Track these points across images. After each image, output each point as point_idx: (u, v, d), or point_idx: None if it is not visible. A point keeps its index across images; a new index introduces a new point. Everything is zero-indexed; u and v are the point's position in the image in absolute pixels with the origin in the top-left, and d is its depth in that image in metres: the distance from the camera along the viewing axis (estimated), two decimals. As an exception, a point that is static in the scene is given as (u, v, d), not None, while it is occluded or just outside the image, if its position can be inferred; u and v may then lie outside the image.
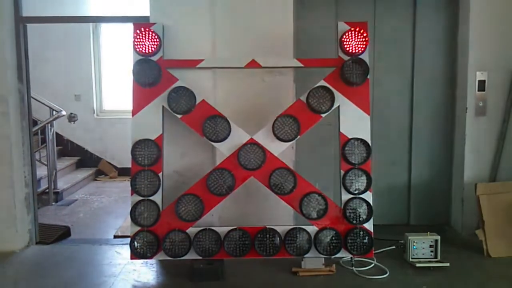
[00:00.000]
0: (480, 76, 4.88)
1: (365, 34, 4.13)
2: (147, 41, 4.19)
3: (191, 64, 4.22)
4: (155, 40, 4.19)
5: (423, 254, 4.32)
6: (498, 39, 4.85)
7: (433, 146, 5.35)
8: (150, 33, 4.18)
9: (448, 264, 4.19)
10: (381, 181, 5.22)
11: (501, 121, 4.93)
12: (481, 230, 4.56)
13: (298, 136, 4.13)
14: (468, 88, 4.89)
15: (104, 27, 8.98)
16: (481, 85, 4.90)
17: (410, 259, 4.29)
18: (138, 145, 4.13)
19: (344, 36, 4.15)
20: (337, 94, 4.12)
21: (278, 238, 4.04)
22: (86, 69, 8.81)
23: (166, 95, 4.11)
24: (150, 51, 4.19)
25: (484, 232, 4.52)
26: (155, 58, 4.19)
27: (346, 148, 4.13)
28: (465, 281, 4.00)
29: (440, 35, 5.22)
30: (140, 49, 4.19)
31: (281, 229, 4.08)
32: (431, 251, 4.31)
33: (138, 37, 4.19)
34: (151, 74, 4.14)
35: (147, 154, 4.12)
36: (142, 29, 4.18)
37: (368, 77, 4.15)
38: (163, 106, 4.15)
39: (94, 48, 8.93)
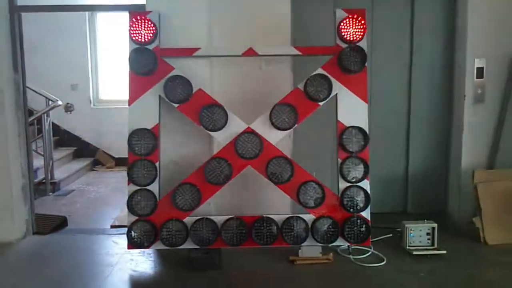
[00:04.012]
0: (478, 63, 4.85)
1: (363, 22, 4.10)
2: (143, 30, 4.15)
3: (188, 52, 4.18)
4: (151, 28, 4.15)
5: (420, 241, 4.33)
6: (497, 26, 4.81)
7: (430, 134, 5.34)
8: (146, 21, 4.14)
9: (445, 252, 4.20)
10: (378, 169, 5.20)
11: (499, 108, 4.91)
12: (478, 217, 4.57)
13: (296, 125, 4.11)
14: (467, 75, 4.86)
15: (100, 16, 8.90)
16: (480, 72, 4.87)
17: (407, 247, 4.30)
18: (135, 135, 4.10)
19: (342, 24, 4.11)
20: (334, 82, 4.09)
21: (275, 227, 4.04)
22: (82, 58, 8.75)
23: (163, 84, 4.08)
24: (146, 39, 4.15)
25: (481, 220, 4.53)
26: (151, 46, 4.15)
27: (343, 137, 4.11)
28: (461, 268, 4.01)
29: (438, 22, 5.18)
30: (136, 37, 4.15)
31: (278, 218, 4.07)
32: (428, 239, 4.32)
33: (134, 25, 4.14)
34: (147, 63, 4.10)
35: (143, 143, 4.10)
36: (138, 18, 4.14)
37: (366, 64, 4.12)
38: (159, 95, 4.12)
39: (90, 38, 8.86)
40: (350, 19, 4.11)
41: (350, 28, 4.11)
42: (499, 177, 4.67)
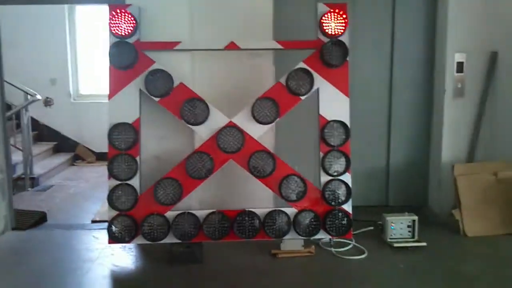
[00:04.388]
0: (458, 57, 4.91)
1: (344, 16, 4.11)
2: (123, 23, 4.10)
3: (168, 46, 4.14)
4: (131, 22, 4.10)
5: (401, 234, 4.37)
6: (477, 21, 4.88)
7: (411, 128, 5.40)
8: (126, 14, 4.08)
9: (425, 244, 4.25)
10: (360, 163, 5.23)
11: (478, 102, 4.99)
12: (457, 210, 4.63)
13: (278, 119, 4.11)
14: (447, 70, 4.93)
15: (79, 9, 8.77)
16: (460, 67, 4.93)
17: (388, 239, 4.34)
18: (115, 129, 4.06)
19: (324, 18, 4.11)
20: (316, 76, 4.10)
21: (257, 221, 4.04)
22: (61, 52, 8.63)
23: (143, 77, 4.04)
24: (126, 33, 4.10)
25: (461, 212, 4.59)
26: (131, 40, 4.10)
27: (325, 130, 4.13)
28: (441, 260, 4.06)
29: (419, 17, 5.23)
30: (116, 31, 4.10)
31: (260, 211, 4.07)
32: (409, 231, 4.37)
33: (114, 18, 4.09)
34: (128, 57, 4.06)
35: (124, 138, 4.06)
36: (118, 11, 4.08)
37: (348, 59, 4.13)
38: (140, 89, 4.08)
39: (70, 31, 8.73)
40: (332, 14, 4.11)
41: (331, 22, 4.12)
42: (478, 170, 4.73)
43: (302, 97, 4.11)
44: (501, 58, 4.87)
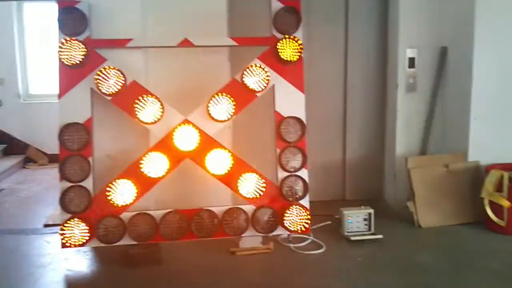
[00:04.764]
0: (410, 53, 5.02)
1: (298, 12, 4.12)
2: (72, 20, 3.97)
3: (120, 43, 4.04)
4: (81, 18, 3.97)
5: (357, 227, 4.43)
6: (427, 17, 4.99)
7: (366, 123, 5.49)
8: (76, 11, 3.96)
9: (381, 236, 4.33)
10: (317, 159, 5.30)
11: (430, 97, 5.11)
12: (412, 202, 4.73)
13: (234, 116, 4.08)
14: (399, 65, 5.03)
15: (27, 5, 8.46)
16: (411, 62, 5.04)
17: (346, 233, 4.39)
18: (66, 129, 3.92)
19: (277, 14, 4.11)
20: (271, 73, 4.09)
21: (215, 219, 4.00)
22: (9, 51, 8.30)
23: (94, 76, 3.92)
24: (76, 30, 3.97)
25: (415, 204, 4.70)
26: (81, 37, 3.98)
27: (281, 127, 4.13)
28: (396, 251, 4.15)
29: (372, 12, 5.32)
30: (65, 28, 3.97)
31: (218, 209, 4.03)
32: (365, 224, 4.44)
33: (62, 15, 3.95)
34: (78, 55, 3.93)
35: (75, 138, 3.93)
36: (67, 7, 3.95)
37: (302, 55, 4.14)
38: (91, 88, 3.96)
39: (18, 29, 8.42)
40: (286, 10, 4.10)
41: (285, 19, 4.11)
42: (431, 162, 4.85)
43: (258, 94, 4.09)
44: (450, 53, 5.01)
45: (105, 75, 3.90)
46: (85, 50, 3.92)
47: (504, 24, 4.69)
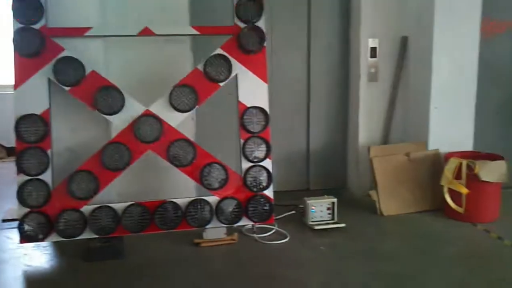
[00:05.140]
0: (372, 43, 5.07)
1: (260, 1, 4.09)
2: (27, 8, 3.83)
3: (78, 32, 3.93)
4: (36, 6, 3.84)
5: (321, 216, 4.47)
6: (388, 7, 5.06)
7: (329, 113, 5.53)
8: (30, -2, 3.83)
9: (344, 225, 4.38)
10: (280, 149, 5.33)
11: (391, 86, 5.19)
12: (374, 190, 4.80)
13: (197, 106, 4.04)
14: (361, 55, 5.07)
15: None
16: (373, 52, 5.10)
17: (309, 222, 4.42)
18: (23, 121, 3.80)
19: (240, 3, 4.07)
20: (234, 63, 4.06)
21: (178, 211, 3.96)
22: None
23: (52, 66, 3.81)
24: (32, 19, 3.83)
25: (377, 193, 4.77)
26: (37, 26, 3.84)
27: (245, 117, 4.11)
28: (359, 239, 4.21)
29: (334, 2, 5.33)
30: (20, 17, 3.83)
31: (182, 201, 4.00)
32: (329, 214, 4.48)
33: (17, 3, 3.81)
34: (34, 44, 3.80)
35: (33, 130, 3.81)
36: (21, -5, 3.82)
37: (265, 44, 4.12)
38: (49, 78, 3.85)
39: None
40: (248, -1, 4.08)
41: (248, 7, 4.08)
42: (393, 151, 4.93)
43: (221, 84, 4.05)
44: (411, 43, 5.08)
45: (63, 64, 3.79)
46: (42, 39, 3.80)
47: (463, 15, 4.78)
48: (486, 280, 3.43)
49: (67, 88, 3.84)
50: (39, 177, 3.82)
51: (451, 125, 4.90)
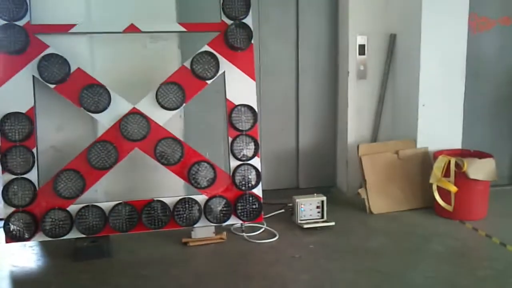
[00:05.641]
0: (360, 40, 5.06)
1: (247, -2, 4.07)
2: (10, 4, 3.77)
3: (63, 29, 3.88)
4: (20, 3, 3.78)
5: (310, 215, 4.46)
6: (377, 4, 5.04)
7: (319, 111, 5.50)
8: (13, -5, 3.78)
9: (333, 223, 4.36)
10: (270, 147, 5.31)
11: (380, 84, 5.18)
12: (363, 189, 4.79)
13: (184, 104, 4.00)
14: (349, 52, 5.06)
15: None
16: (361, 49, 5.09)
17: (299, 221, 4.41)
18: (7, 119, 3.75)
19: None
20: (221, 60, 4.03)
21: (166, 210, 3.93)
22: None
23: (36, 63, 3.76)
24: (15, 15, 3.78)
25: (366, 191, 4.76)
26: (21, 23, 3.79)
27: (233, 115, 4.08)
28: (348, 237, 4.19)
29: (322, 0, 5.31)
30: (4, 13, 3.77)
31: (170, 200, 3.97)
32: (318, 212, 4.46)
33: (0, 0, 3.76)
34: (17, 41, 3.75)
35: (18, 128, 3.77)
36: (4, -9, 3.77)
37: (253, 42, 4.09)
38: (33, 76, 3.80)
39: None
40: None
41: (235, 4, 4.05)
42: (381, 149, 4.92)
43: (209, 81, 4.02)
44: (399, 40, 5.08)
45: (48, 62, 3.74)
46: (26, 36, 3.75)
47: (450, 13, 4.77)
48: (474, 278, 3.43)
49: (52, 86, 3.79)
50: (25, 176, 3.77)
51: (440, 123, 4.89)
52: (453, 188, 4.44)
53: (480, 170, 4.43)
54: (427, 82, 4.80)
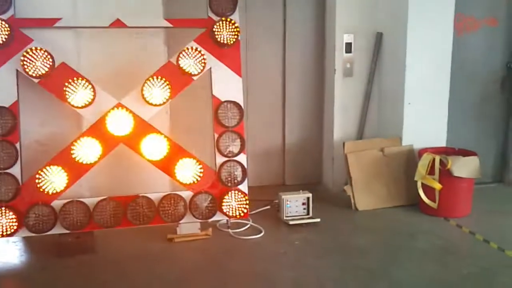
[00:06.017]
0: (347, 38, 5.08)
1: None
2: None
3: (48, 23, 3.84)
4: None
5: (296, 211, 4.47)
6: (363, 3, 5.06)
7: (305, 108, 5.52)
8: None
9: (319, 220, 4.38)
10: (256, 144, 5.32)
11: (366, 82, 5.21)
12: (349, 186, 4.82)
13: (170, 100, 3.99)
14: (336, 50, 5.08)
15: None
16: (348, 47, 5.11)
17: (284, 218, 4.41)
18: (-10, 114, 3.72)
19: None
20: (208, 56, 4.02)
21: (152, 206, 3.91)
22: None
23: (20, 57, 3.72)
24: (-1, 9, 3.75)
25: (352, 188, 4.78)
26: (5, 16, 3.75)
27: (219, 111, 4.08)
28: (333, 233, 4.22)
29: (309, -1, 5.33)
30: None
31: (155, 196, 3.95)
32: (304, 209, 4.48)
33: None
34: (1, 35, 3.71)
35: (1, 123, 3.72)
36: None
37: (239, 38, 4.09)
38: (17, 70, 3.75)
39: None
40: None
41: (221, 0, 4.04)
42: (367, 146, 4.94)
43: (195, 77, 4.01)
44: (385, 39, 5.10)
45: (32, 56, 3.70)
46: (9, 29, 3.70)
47: (436, 13, 4.81)
48: (458, 275, 3.46)
49: (36, 80, 3.76)
50: (8, 171, 3.73)
51: (425, 121, 4.93)
52: (437, 186, 4.47)
53: (464, 167, 4.47)
54: (413, 81, 4.83)
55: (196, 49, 3.96)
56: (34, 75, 3.73)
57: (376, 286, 3.31)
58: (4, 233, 3.73)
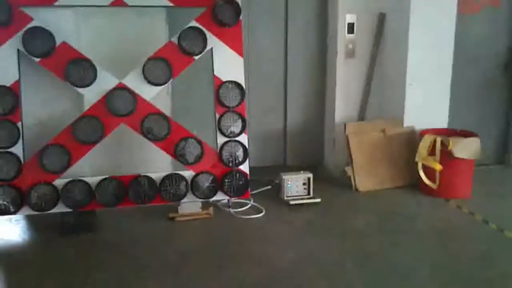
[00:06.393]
0: (349, 18, 5.04)
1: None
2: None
3: (48, 1, 3.80)
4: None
5: (297, 192, 4.49)
6: (367, -17, 5.02)
7: (307, 90, 5.51)
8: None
9: (319, 200, 4.41)
10: (258, 126, 5.32)
11: (368, 63, 5.18)
12: (350, 167, 4.83)
13: (171, 80, 3.98)
14: (338, 31, 5.04)
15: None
16: (350, 28, 5.07)
17: (285, 197, 4.44)
18: (-9, 93, 3.72)
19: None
20: (209, 36, 4.00)
21: (153, 185, 3.93)
22: None
23: (21, 36, 3.71)
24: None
25: (353, 169, 4.79)
26: (5, -5, 3.74)
27: (220, 91, 4.07)
28: (334, 214, 4.25)
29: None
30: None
31: (157, 175, 3.97)
32: (304, 189, 4.50)
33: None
34: (1, 13, 3.69)
35: (2, 102, 3.72)
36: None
37: (241, 18, 4.06)
38: (18, 49, 3.74)
39: None
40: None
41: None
42: (368, 128, 4.94)
43: (196, 57, 4.00)
44: (388, 20, 5.06)
45: (32, 35, 3.69)
46: (10, 8, 3.68)
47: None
48: (456, 255, 3.49)
49: (37, 60, 3.75)
50: (10, 150, 3.75)
51: (426, 103, 4.92)
52: (438, 166, 4.48)
53: (465, 149, 4.47)
54: (415, 62, 4.81)
55: (197, 29, 3.94)
56: (34, 54, 3.72)
57: (375, 267, 3.33)
58: (7, 211, 3.76)
